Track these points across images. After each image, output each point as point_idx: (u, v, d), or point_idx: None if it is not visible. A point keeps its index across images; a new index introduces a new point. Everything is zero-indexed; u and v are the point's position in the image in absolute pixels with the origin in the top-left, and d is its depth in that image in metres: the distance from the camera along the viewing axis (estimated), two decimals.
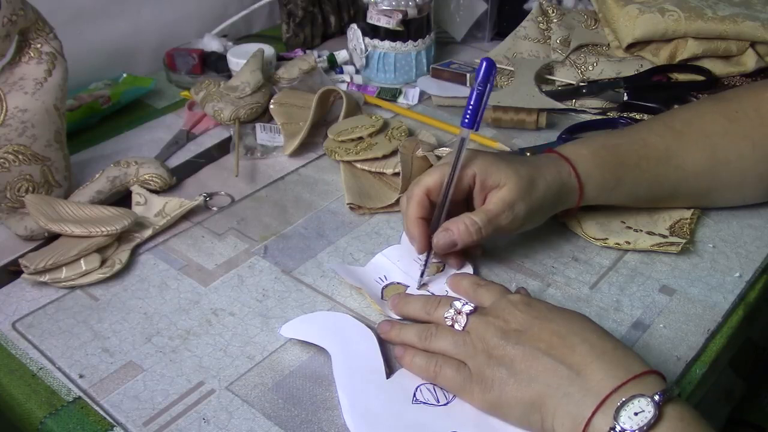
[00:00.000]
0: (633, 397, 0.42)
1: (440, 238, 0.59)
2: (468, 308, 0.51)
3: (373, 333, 0.55)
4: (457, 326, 0.51)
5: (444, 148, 0.75)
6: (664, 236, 0.65)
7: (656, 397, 0.41)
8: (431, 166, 0.73)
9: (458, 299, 0.53)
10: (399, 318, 0.57)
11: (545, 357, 0.46)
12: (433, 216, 0.61)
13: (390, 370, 0.53)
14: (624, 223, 0.67)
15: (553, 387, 0.45)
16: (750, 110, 0.65)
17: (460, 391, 0.50)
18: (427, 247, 0.61)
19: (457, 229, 0.59)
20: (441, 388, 0.51)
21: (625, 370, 0.43)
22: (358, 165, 0.75)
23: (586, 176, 0.62)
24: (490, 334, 0.49)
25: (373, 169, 0.74)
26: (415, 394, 0.51)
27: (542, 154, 0.64)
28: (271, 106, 0.83)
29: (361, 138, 0.76)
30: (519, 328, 0.48)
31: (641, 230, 0.65)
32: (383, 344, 0.55)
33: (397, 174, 0.72)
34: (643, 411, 0.41)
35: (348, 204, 0.70)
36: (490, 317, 0.50)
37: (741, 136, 0.64)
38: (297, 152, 0.79)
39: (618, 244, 0.64)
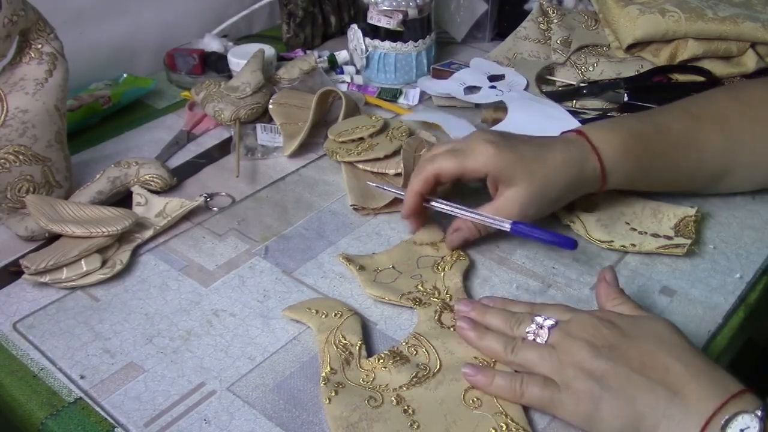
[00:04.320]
0: (736, 414, 0.42)
1: (453, 238, 0.64)
2: (549, 322, 0.51)
3: None
4: (539, 340, 0.50)
5: None
6: (669, 237, 0.65)
7: (759, 413, 0.42)
8: None
9: (539, 315, 0.52)
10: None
11: (639, 376, 0.45)
12: (429, 193, 0.64)
13: None
14: (629, 224, 0.67)
15: (652, 407, 0.45)
16: (762, 94, 0.68)
17: (549, 407, 0.49)
18: (416, 224, 0.66)
19: (467, 228, 0.63)
20: None
21: (723, 388, 0.44)
22: (360, 166, 0.75)
23: (611, 167, 0.63)
24: (576, 348, 0.48)
25: (374, 170, 0.74)
26: None
27: (569, 134, 0.65)
28: (270, 106, 0.83)
29: (361, 138, 0.76)
30: (607, 344, 0.47)
31: (646, 232, 0.65)
32: None
33: (399, 174, 0.72)
34: (749, 427, 0.41)
35: (351, 205, 0.70)
36: (573, 331, 0.49)
37: (754, 118, 0.67)
38: (297, 153, 0.79)
39: (623, 246, 0.64)
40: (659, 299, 0.60)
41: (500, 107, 0.83)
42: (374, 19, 0.90)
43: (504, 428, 0.48)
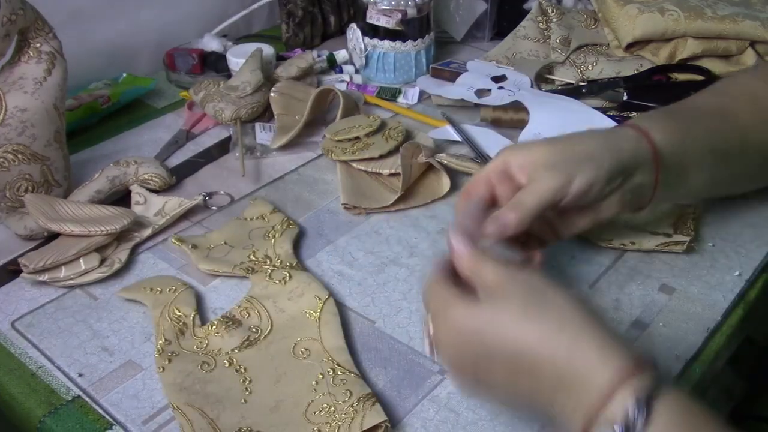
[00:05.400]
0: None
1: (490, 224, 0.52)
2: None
3: None
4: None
5: (442, 155, 0.74)
6: (668, 235, 0.65)
7: (641, 396, 0.38)
8: (431, 168, 0.73)
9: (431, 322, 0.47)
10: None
11: (511, 398, 0.45)
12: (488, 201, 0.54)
13: None
14: (627, 222, 0.66)
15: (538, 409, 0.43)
16: None
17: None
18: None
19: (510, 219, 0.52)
20: None
21: (589, 399, 0.40)
22: (355, 165, 0.75)
23: (651, 126, 0.56)
24: (446, 361, 0.46)
25: (369, 169, 0.74)
26: None
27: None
28: (272, 95, 0.82)
29: (358, 138, 0.76)
30: (471, 371, 0.45)
31: (645, 230, 0.65)
32: None
33: (393, 174, 0.72)
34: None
35: (343, 204, 0.70)
36: (442, 342, 0.46)
37: None
38: (296, 151, 0.79)
39: (623, 244, 0.64)
40: (658, 297, 0.60)
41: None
42: (373, 18, 0.90)
43: (331, 373, 0.51)
